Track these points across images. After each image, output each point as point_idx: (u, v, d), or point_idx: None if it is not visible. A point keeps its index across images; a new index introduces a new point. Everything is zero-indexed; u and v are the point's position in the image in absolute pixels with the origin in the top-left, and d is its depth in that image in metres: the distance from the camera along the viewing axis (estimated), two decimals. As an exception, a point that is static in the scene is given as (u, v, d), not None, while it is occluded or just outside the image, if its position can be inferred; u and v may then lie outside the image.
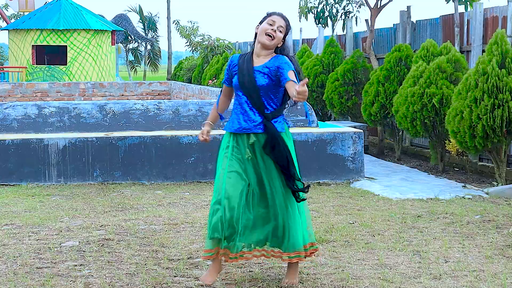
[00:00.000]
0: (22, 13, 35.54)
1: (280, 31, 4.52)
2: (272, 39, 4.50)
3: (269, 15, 4.58)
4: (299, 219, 4.58)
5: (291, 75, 4.39)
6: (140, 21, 42.28)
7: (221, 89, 4.82)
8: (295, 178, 4.52)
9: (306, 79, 4.11)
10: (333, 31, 18.04)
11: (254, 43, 4.63)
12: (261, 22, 4.56)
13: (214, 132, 8.90)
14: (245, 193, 4.49)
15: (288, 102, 4.66)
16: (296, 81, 4.37)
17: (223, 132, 4.77)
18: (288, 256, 4.55)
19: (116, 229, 6.14)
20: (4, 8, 35.92)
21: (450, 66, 9.93)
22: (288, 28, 4.56)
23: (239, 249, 4.47)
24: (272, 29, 4.49)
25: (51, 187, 8.37)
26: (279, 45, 4.57)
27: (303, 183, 4.57)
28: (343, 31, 17.37)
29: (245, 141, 4.55)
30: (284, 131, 4.59)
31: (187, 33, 32.12)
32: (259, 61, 4.56)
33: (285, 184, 4.52)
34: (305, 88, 4.07)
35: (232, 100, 4.78)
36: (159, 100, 10.37)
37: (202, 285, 4.61)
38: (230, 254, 4.48)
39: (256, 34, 4.60)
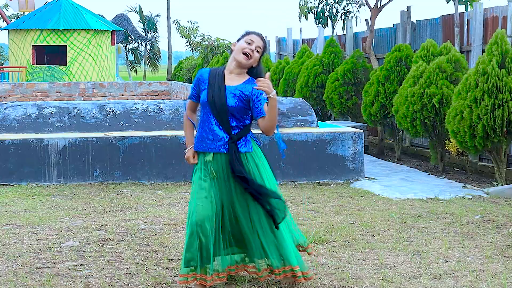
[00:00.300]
0: (22, 13, 35.55)
1: (258, 51, 4.44)
2: (249, 59, 4.41)
3: (247, 33, 4.48)
4: (280, 234, 4.47)
5: (265, 108, 4.37)
6: (140, 21, 42.31)
7: (185, 103, 4.65)
8: (267, 198, 4.40)
9: (268, 73, 4.24)
10: (333, 31, 18.04)
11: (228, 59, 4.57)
12: (238, 40, 4.48)
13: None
14: (215, 217, 4.40)
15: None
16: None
17: None
18: (278, 273, 4.48)
19: (116, 229, 6.14)
20: (4, 8, 35.93)
21: (450, 66, 9.93)
22: (265, 49, 4.49)
23: (213, 271, 4.42)
24: (250, 49, 4.40)
25: (51, 187, 8.37)
26: (254, 65, 4.49)
27: (279, 199, 4.44)
28: (343, 31, 17.37)
29: (212, 160, 4.45)
30: (251, 150, 4.47)
31: (187, 33, 32.15)
32: (231, 80, 4.45)
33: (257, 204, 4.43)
34: (268, 80, 4.16)
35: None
36: (159, 100, 10.37)
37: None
38: (207, 277, 4.40)
39: (231, 50, 4.53)
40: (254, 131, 4.57)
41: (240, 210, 4.45)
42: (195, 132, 4.62)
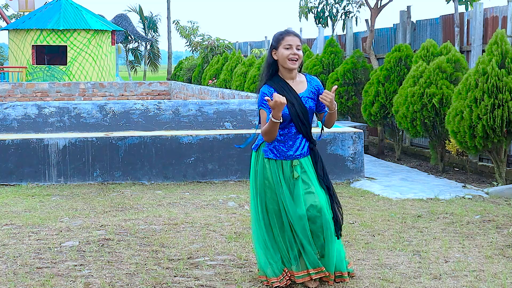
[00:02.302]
0: (22, 13, 35.54)
1: (299, 49, 4.49)
2: (296, 62, 4.49)
3: (282, 37, 4.48)
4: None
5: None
6: (140, 21, 42.30)
7: (264, 131, 4.48)
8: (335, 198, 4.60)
9: (335, 87, 4.38)
10: (333, 31, 18.04)
11: (269, 68, 4.53)
12: (274, 46, 4.49)
13: (215, 132, 8.91)
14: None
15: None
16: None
17: (224, 132, 4.77)
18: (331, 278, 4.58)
19: (116, 229, 6.14)
20: (4, 8, 35.93)
21: (450, 66, 9.93)
22: (301, 42, 4.55)
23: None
24: (293, 53, 4.45)
25: (51, 187, 8.37)
26: None
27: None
28: (343, 31, 17.38)
29: (289, 165, 4.52)
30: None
31: (187, 33, 32.14)
32: (298, 86, 4.53)
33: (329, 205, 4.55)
34: (331, 94, 4.35)
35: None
36: (159, 100, 10.37)
37: (202, 285, 4.61)
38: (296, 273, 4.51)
39: (271, 57, 4.52)
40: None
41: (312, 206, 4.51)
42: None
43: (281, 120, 4.33)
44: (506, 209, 7.13)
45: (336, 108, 4.45)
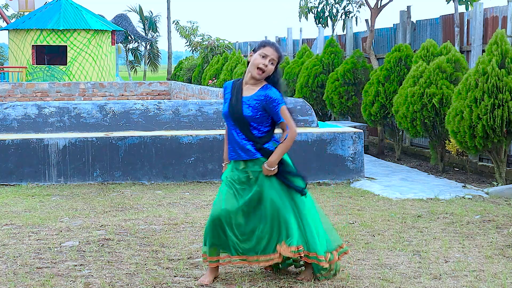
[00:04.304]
0: (22, 13, 35.56)
1: (272, 63, 4.59)
2: (262, 73, 4.58)
3: (263, 45, 4.60)
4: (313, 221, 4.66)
5: (283, 113, 4.64)
6: (140, 21, 42.31)
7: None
8: (295, 182, 4.66)
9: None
10: (333, 31, 18.04)
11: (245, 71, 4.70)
12: (254, 49, 4.62)
13: (215, 132, 8.91)
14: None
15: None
16: (288, 116, 4.68)
17: (224, 132, 4.83)
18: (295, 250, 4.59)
19: (116, 229, 6.14)
20: (4, 8, 35.92)
21: (450, 66, 9.93)
22: (280, 59, 4.62)
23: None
24: (264, 64, 4.55)
25: (51, 187, 8.36)
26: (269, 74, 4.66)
27: (301, 178, 4.69)
28: (343, 31, 17.38)
29: (241, 167, 4.66)
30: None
31: (187, 33, 32.15)
32: (248, 91, 4.64)
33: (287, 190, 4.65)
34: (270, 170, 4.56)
35: None
36: (159, 100, 10.37)
37: (202, 285, 4.61)
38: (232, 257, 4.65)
39: (248, 61, 4.66)
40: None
41: (269, 202, 4.61)
42: None
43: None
44: (506, 209, 7.13)
45: (274, 162, 4.59)
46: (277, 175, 4.61)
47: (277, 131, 4.80)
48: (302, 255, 4.56)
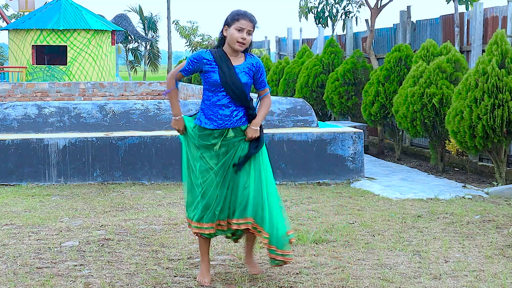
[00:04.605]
0: (22, 13, 35.55)
1: (249, 33, 4.62)
2: (244, 45, 4.62)
3: (237, 18, 4.58)
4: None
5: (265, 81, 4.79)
6: (140, 21, 42.32)
7: (171, 74, 4.76)
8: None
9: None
10: (333, 31, 18.05)
11: (218, 42, 4.73)
12: (227, 23, 4.61)
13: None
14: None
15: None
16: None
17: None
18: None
19: (116, 229, 6.14)
20: (4, 8, 35.92)
21: (450, 66, 9.93)
22: (255, 26, 4.65)
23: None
24: (242, 37, 4.58)
25: (51, 187, 8.36)
26: None
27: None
28: (343, 31, 17.38)
29: (230, 135, 4.66)
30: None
31: (187, 33, 32.16)
32: (235, 61, 4.67)
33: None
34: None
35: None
36: (159, 100, 10.37)
37: (202, 286, 4.61)
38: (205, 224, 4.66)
39: (221, 32, 4.67)
40: None
41: (243, 173, 4.64)
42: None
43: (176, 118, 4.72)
44: (506, 209, 7.13)
45: (260, 122, 4.68)
46: (255, 141, 4.67)
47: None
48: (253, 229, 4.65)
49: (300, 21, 18.69)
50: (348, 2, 17.92)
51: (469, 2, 12.94)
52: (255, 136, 4.65)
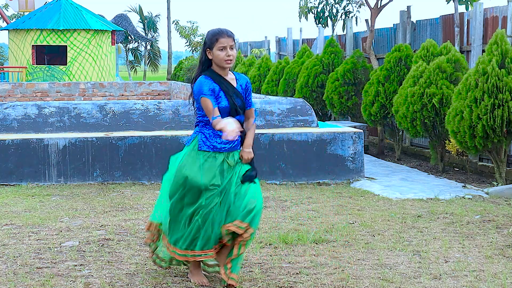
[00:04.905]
0: (22, 13, 35.55)
1: (232, 48, 4.62)
2: (232, 61, 4.63)
3: (215, 38, 4.58)
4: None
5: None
6: (140, 21, 42.32)
7: (217, 117, 4.55)
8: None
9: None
10: (333, 31, 18.05)
11: (202, 66, 4.68)
12: (208, 46, 4.61)
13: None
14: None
15: None
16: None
17: None
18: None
19: (116, 229, 6.14)
20: (4, 8, 35.92)
21: (450, 66, 9.93)
22: (234, 40, 4.67)
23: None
24: (228, 55, 4.59)
25: (51, 187, 8.37)
26: None
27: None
28: (343, 31, 17.38)
29: (235, 157, 4.67)
30: None
31: (187, 33, 32.16)
32: (232, 81, 4.70)
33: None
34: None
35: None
36: (159, 100, 10.37)
37: (202, 285, 4.61)
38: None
39: (205, 55, 4.65)
40: None
41: (234, 188, 4.65)
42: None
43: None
44: (506, 209, 7.13)
45: (251, 144, 4.70)
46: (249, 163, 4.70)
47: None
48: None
49: (300, 21, 18.71)
50: (348, 2, 17.92)
51: (469, 2, 12.94)
52: (251, 157, 4.68)
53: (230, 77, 4.71)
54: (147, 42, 40.62)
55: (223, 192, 4.59)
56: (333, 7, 17.92)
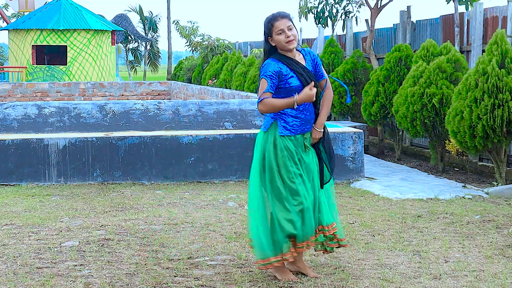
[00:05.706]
0: (22, 13, 35.56)
1: (290, 29, 4.60)
2: (295, 41, 4.61)
3: (271, 24, 4.59)
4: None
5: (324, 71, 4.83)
6: (140, 21, 42.32)
7: (263, 98, 4.55)
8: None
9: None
10: (333, 31, 18.04)
11: (269, 54, 4.67)
12: (268, 34, 4.61)
13: (215, 132, 8.91)
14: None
15: None
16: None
17: (224, 132, 4.81)
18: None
19: (116, 229, 6.14)
20: (4, 8, 35.93)
21: (450, 66, 9.93)
22: (290, 19, 4.65)
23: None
24: (287, 36, 4.56)
25: (51, 187, 8.37)
26: None
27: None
28: (343, 31, 17.37)
29: (302, 139, 4.71)
30: None
31: (187, 33, 32.16)
32: (300, 61, 4.70)
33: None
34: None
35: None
36: (159, 100, 10.37)
37: (202, 285, 4.61)
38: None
39: (268, 43, 4.65)
40: None
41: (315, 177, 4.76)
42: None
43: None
44: (506, 209, 7.13)
45: (324, 122, 4.81)
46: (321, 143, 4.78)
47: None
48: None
49: (300, 21, 18.70)
50: (348, 2, 17.91)
51: (469, 2, 12.94)
52: (319, 137, 4.72)
53: (299, 57, 4.69)
54: (147, 42, 40.63)
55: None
56: (333, 7, 17.91)
